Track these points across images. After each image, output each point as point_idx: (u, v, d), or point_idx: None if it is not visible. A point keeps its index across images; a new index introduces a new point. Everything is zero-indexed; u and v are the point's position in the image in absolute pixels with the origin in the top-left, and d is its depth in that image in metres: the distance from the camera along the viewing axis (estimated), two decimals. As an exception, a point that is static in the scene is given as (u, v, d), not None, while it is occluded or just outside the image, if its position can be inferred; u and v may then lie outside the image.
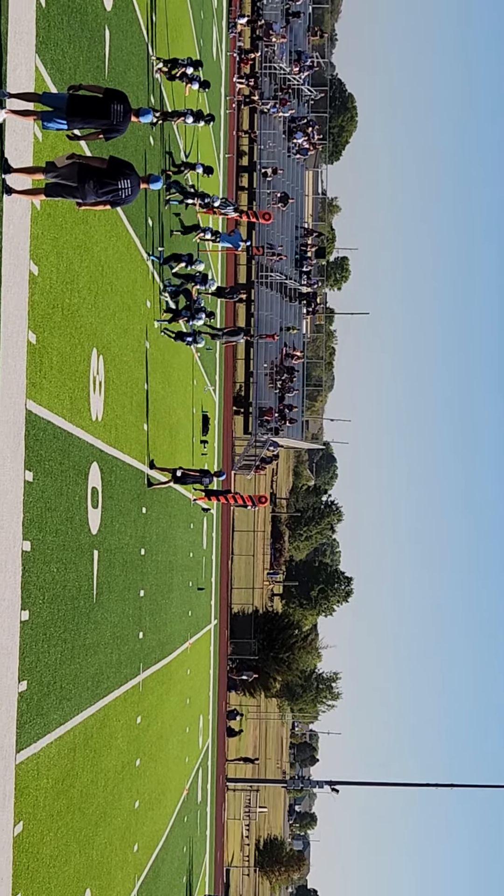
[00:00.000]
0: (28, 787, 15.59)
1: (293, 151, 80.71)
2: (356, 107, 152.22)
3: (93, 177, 15.36)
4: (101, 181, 15.45)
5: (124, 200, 15.97)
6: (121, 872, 24.31)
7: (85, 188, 15.29)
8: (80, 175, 15.22)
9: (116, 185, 15.63)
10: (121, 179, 15.75)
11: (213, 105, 51.75)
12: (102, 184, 15.46)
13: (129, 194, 15.92)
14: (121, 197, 15.81)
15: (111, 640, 22.57)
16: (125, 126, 16.12)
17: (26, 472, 15.36)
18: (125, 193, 15.83)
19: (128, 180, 15.86)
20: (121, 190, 15.74)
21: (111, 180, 15.56)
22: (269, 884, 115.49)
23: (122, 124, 15.98)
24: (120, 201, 15.95)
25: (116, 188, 15.65)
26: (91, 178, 15.33)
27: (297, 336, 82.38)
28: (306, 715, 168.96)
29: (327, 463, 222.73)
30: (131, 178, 15.91)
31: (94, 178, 15.37)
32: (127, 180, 15.84)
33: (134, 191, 16.04)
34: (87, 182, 15.27)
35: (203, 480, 33.04)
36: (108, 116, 15.68)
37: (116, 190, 15.68)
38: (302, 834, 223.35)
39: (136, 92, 26.50)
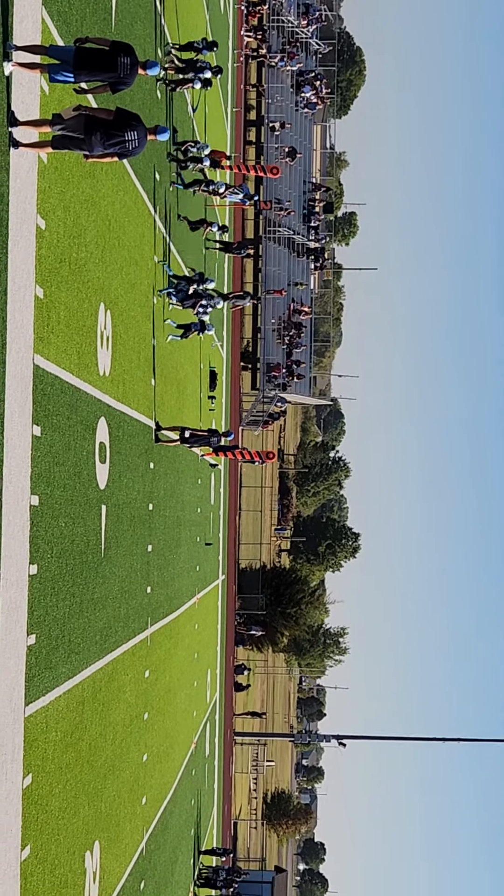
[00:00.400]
0: (37, 739, 15.68)
1: (301, 105, 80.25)
2: (364, 60, 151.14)
3: (100, 128, 15.26)
4: (108, 133, 15.35)
5: (132, 152, 15.86)
6: (129, 825, 24.47)
7: (92, 140, 15.19)
8: (86, 127, 15.14)
9: (123, 136, 15.53)
10: (128, 131, 15.64)
11: (221, 58, 51.44)
12: (109, 135, 15.36)
13: (136, 146, 15.81)
14: (128, 148, 15.70)
15: (119, 595, 22.64)
16: (132, 79, 15.98)
17: (34, 427, 15.37)
18: (132, 145, 15.73)
19: (135, 132, 15.75)
20: (128, 141, 15.64)
21: (118, 132, 15.46)
22: (277, 837, 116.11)
23: (129, 77, 15.85)
24: (127, 153, 15.83)
25: (123, 139, 15.55)
26: (98, 129, 15.23)
27: (304, 291, 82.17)
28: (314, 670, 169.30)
29: (335, 419, 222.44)
30: (138, 129, 15.80)
31: (101, 130, 15.27)
32: (134, 132, 15.73)
33: (141, 142, 15.93)
34: (94, 134, 15.17)
35: (211, 441, 32.97)
36: (115, 69, 15.56)
37: (124, 141, 15.57)
38: (309, 788, 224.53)
39: (142, 45, 26.34)
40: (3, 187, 13.92)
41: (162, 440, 29.43)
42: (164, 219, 30.75)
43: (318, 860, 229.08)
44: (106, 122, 15.44)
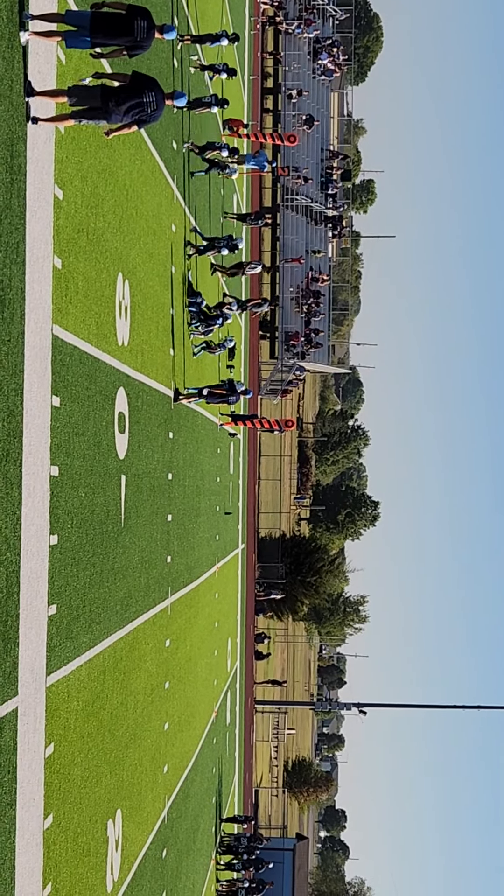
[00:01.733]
0: (59, 709, 15.75)
1: (318, 73, 79.93)
2: (381, 27, 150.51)
3: (115, 95, 15.24)
4: (125, 98, 15.31)
5: (150, 116, 15.74)
6: (151, 793, 24.60)
7: (109, 107, 15.15)
8: (102, 95, 15.10)
9: (141, 98, 15.47)
10: (146, 92, 15.58)
11: (238, 26, 51.22)
12: (126, 100, 15.31)
13: (154, 109, 15.70)
14: (147, 112, 15.58)
15: (139, 565, 22.69)
16: (149, 42, 15.87)
17: (53, 398, 15.38)
18: (150, 108, 15.61)
19: (152, 93, 15.68)
20: (146, 104, 15.54)
21: (135, 96, 15.42)
22: (298, 804, 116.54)
23: (146, 40, 15.74)
24: (146, 118, 15.74)
25: (141, 101, 15.46)
26: (114, 96, 15.21)
27: (322, 260, 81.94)
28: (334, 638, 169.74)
29: (353, 387, 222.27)
30: (155, 91, 15.74)
31: (117, 97, 15.24)
32: (151, 93, 15.66)
33: (160, 105, 15.84)
34: (111, 100, 15.13)
35: (229, 399, 32.80)
36: (132, 32, 15.46)
37: (141, 104, 15.48)
38: (330, 755, 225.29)
39: (158, 14, 26.21)
40: (21, 158, 13.89)
41: (182, 397, 29.54)
42: (183, 189, 30.68)
43: (339, 827, 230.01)
44: (122, 87, 15.41)
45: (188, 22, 32.10)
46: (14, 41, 13.60)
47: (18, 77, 13.78)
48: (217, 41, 32.97)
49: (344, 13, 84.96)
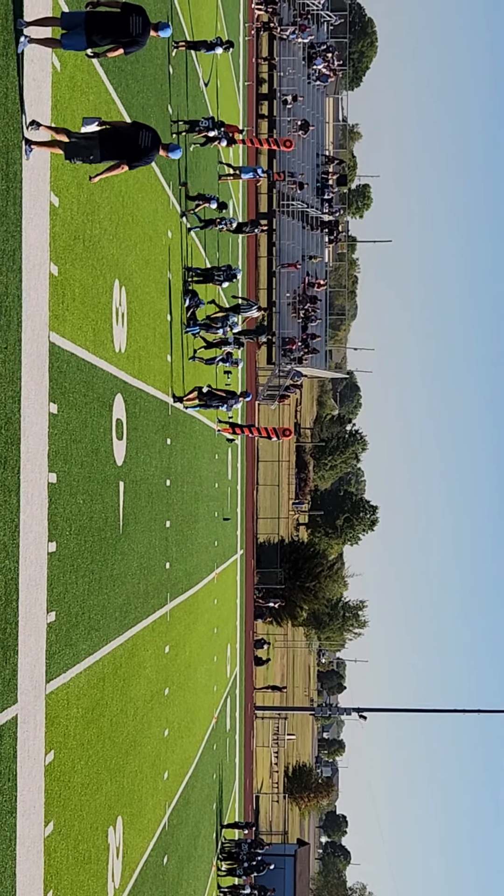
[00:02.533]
0: (58, 716, 15.74)
1: (313, 78, 79.95)
2: (376, 31, 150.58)
3: (112, 140, 15.61)
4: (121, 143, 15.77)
5: (135, 40, 15.90)
6: (151, 800, 24.58)
7: (102, 152, 15.49)
8: (101, 138, 15.46)
9: (137, 142, 15.95)
10: (141, 133, 16.05)
11: (233, 32, 51.27)
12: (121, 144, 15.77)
13: (140, 31, 15.85)
14: (130, 33, 15.74)
15: (138, 571, 22.69)
16: (145, 38, 15.93)
17: (51, 405, 15.38)
18: (136, 30, 15.78)
19: (149, 134, 16.15)
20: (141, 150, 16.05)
21: (131, 142, 15.89)
22: (299, 810, 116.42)
23: (141, 36, 15.80)
24: (139, 163, 16.22)
25: (136, 145, 15.96)
26: (110, 141, 15.57)
27: (319, 265, 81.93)
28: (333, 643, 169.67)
29: (351, 392, 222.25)
30: (152, 134, 16.21)
31: (113, 142, 15.63)
32: (148, 134, 16.14)
33: (154, 148, 16.27)
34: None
35: (229, 402, 32.80)
36: (128, 28, 15.53)
37: (136, 148, 15.98)
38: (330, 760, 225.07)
39: (153, 20, 26.21)
40: (17, 165, 13.90)
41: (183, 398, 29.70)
42: (178, 195, 30.71)
43: (340, 833, 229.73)
44: (119, 131, 15.80)
45: (183, 28, 32.13)
46: (9, 48, 13.60)
47: (14, 85, 13.78)
48: (212, 49, 32.98)
49: (338, 18, 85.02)
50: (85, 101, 17.97)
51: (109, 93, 20.29)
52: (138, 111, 23.51)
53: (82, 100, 17.75)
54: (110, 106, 20.30)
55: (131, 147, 15.87)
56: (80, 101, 17.55)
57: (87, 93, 18.17)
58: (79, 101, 17.49)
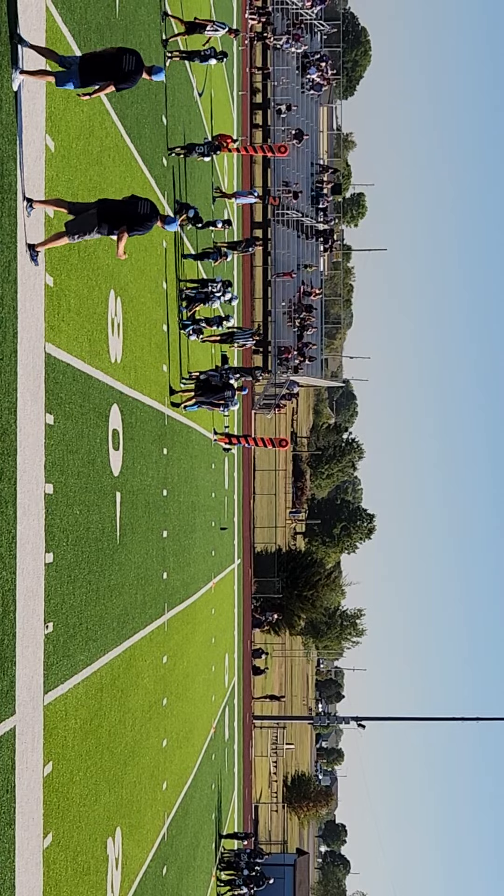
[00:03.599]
0: (56, 727, 15.71)
1: (307, 87, 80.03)
2: (370, 40, 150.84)
3: (112, 215, 15.96)
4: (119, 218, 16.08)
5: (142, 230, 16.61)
6: (150, 810, 24.55)
7: (103, 226, 15.83)
8: (99, 214, 15.80)
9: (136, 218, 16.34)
10: (140, 203, 16.45)
11: (226, 42, 51.32)
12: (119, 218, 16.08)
13: (147, 223, 16.54)
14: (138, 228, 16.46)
15: (135, 581, 22.67)
16: (138, 77, 16.33)
17: (47, 416, 15.37)
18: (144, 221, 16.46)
19: (147, 204, 16.54)
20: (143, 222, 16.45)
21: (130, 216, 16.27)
22: (298, 819, 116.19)
23: (134, 74, 16.16)
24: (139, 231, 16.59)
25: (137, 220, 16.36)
26: (110, 216, 15.92)
27: (314, 274, 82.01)
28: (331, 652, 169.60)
29: (347, 400, 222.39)
30: (150, 204, 16.62)
31: (114, 218, 15.98)
32: (147, 204, 16.53)
33: (152, 218, 16.67)
34: (106, 220, 15.84)
35: (226, 395, 32.64)
36: (121, 64, 15.81)
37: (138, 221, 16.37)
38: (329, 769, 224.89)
39: (147, 31, 26.27)
40: (11, 176, 13.91)
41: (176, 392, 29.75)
42: (174, 206, 30.74)
43: (340, 842, 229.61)
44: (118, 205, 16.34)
45: (177, 39, 32.14)
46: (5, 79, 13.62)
47: (9, 97, 13.79)
48: (206, 60, 33.00)
49: (332, 28, 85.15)
50: (79, 113, 17.98)
51: (103, 103, 20.32)
52: (133, 122, 23.54)
53: (76, 111, 17.77)
54: (104, 117, 20.32)
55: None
56: (74, 112, 17.57)
57: (82, 104, 18.17)
58: (73, 112, 17.50)
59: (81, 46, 18.21)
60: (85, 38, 18.57)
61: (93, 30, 19.25)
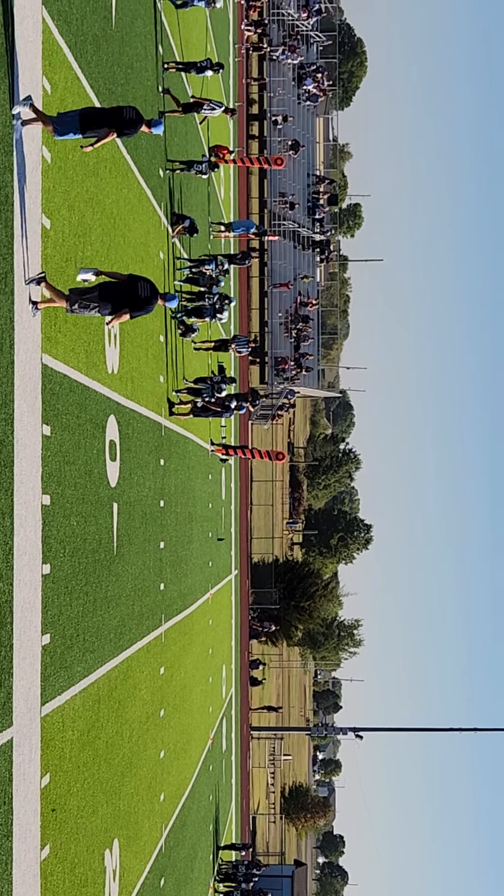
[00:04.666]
0: (54, 739, 15.69)
1: (303, 98, 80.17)
2: (365, 51, 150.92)
3: (112, 295, 16.42)
4: (120, 297, 16.58)
5: (143, 310, 17.18)
6: (148, 822, 24.50)
7: (105, 304, 16.25)
8: (100, 294, 16.20)
9: (136, 299, 16.83)
10: (140, 285, 16.88)
11: (222, 53, 51.40)
12: (121, 299, 16.57)
13: (148, 304, 17.14)
14: (139, 307, 16.98)
15: (132, 592, 22.65)
16: (139, 126, 16.88)
17: (44, 427, 15.37)
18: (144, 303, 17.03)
19: (147, 286, 17.04)
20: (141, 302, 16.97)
21: (131, 296, 16.75)
22: (296, 830, 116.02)
23: (135, 123, 16.68)
24: (139, 312, 17.10)
25: (137, 301, 16.85)
26: (111, 297, 16.36)
27: (311, 284, 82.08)
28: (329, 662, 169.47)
29: (344, 411, 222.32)
30: (150, 285, 17.15)
31: (113, 297, 16.45)
32: (147, 286, 17.03)
33: (152, 301, 17.22)
34: (108, 299, 16.29)
35: (224, 415, 32.67)
36: (122, 114, 16.48)
37: (137, 303, 16.87)
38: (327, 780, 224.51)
39: (143, 43, 26.30)
40: (8, 188, 13.91)
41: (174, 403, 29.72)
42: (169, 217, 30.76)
43: (338, 853, 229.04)
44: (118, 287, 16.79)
45: (173, 50, 32.20)
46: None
47: (4, 107, 13.81)
48: (202, 71, 33.03)
49: (328, 39, 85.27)
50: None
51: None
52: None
53: (73, 122, 17.77)
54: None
55: (131, 298, 16.71)
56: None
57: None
58: (69, 123, 17.51)
59: (77, 58, 18.25)
60: (81, 49, 18.61)
61: (89, 41, 19.28)
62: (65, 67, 17.38)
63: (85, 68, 18.92)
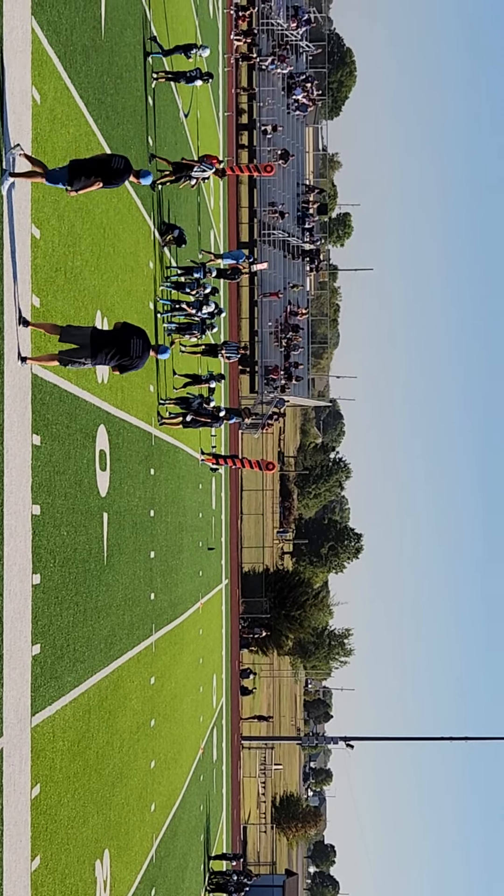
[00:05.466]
0: (44, 749, 15.66)
1: (292, 108, 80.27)
2: (355, 61, 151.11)
3: (104, 341, 16.37)
4: (112, 345, 16.52)
5: (133, 364, 17.12)
6: (138, 832, 24.45)
7: (95, 351, 16.23)
8: (92, 338, 16.17)
9: (128, 347, 16.75)
10: (132, 341, 16.86)
11: (212, 63, 51.47)
12: (113, 347, 16.52)
13: (138, 356, 17.05)
14: (131, 360, 16.95)
15: (123, 602, 22.62)
16: (127, 175, 16.89)
17: (34, 436, 15.35)
18: (136, 355, 16.94)
19: (139, 341, 16.98)
20: (132, 353, 16.85)
21: (122, 344, 16.68)
22: (287, 840, 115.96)
23: (123, 172, 16.73)
24: (129, 364, 17.06)
25: (128, 350, 16.77)
26: (102, 343, 16.31)
27: (300, 293, 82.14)
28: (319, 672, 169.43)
29: (334, 420, 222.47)
30: (142, 339, 17.08)
31: (105, 344, 16.37)
32: (139, 341, 16.98)
33: (144, 354, 17.17)
34: (98, 347, 16.24)
35: (213, 426, 32.70)
36: (110, 164, 16.48)
37: (128, 353, 16.78)
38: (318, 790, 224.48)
39: (133, 52, 26.32)
40: (-3, 197, 13.91)
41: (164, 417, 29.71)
42: (159, 227, 30.76)
43: (329, 862, 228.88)
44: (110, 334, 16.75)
45: (162, 59, 32.22)
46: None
47: (-7, 117, 13.80)
48: (191, 81, 33.04)
49: (317, 48, 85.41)
50: (65, 134, 18.00)
51: (90, 125, 20.33)
52: (118, 143, 23.56)
53: (63, 132, 17.79)
54: (91, 138, 20.33)
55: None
56: (60, 133, 17.59)
57: (68, 125, 18.21)
58: (59, 133, 17.53)
59: (67, 68, 18.25)
60: (70, 59, 18.61)
61: (78, 52, 19.29)
62: (54, 77, 17.38)
63: (74, 78, 18.92)
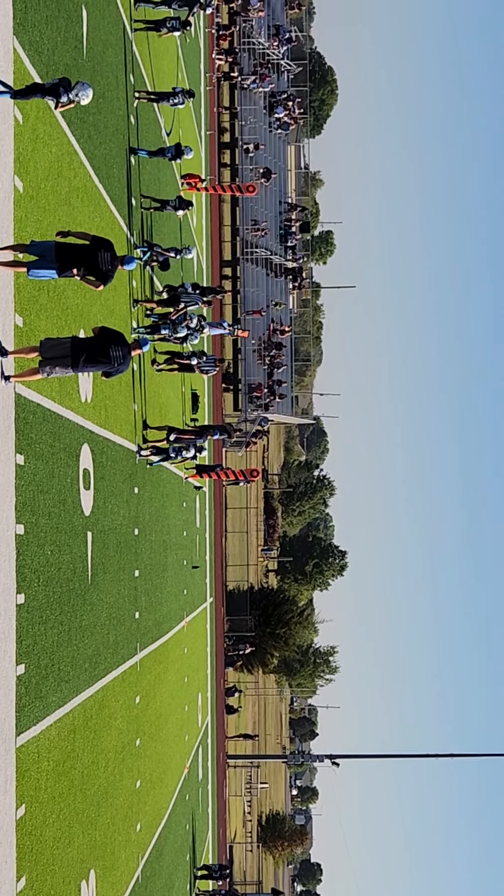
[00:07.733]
0: (29, 769, 15.61)
1: (274, 126, 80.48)
2: (336, 80, 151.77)
3: (84, 348, 16.26)
4: (93, 352, 16.45)
5: (116, 370, 17.12)
6: (124, 852, 24.38)
7: (77, 359, 16.09)
8: (73, 347, 16.06)
9: (108, 353, 16.71)
10: (112, 347, 16.82)
11: (193, 82, 51.56)
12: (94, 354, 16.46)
13: (120, 363, 17.01)
14: (113, 366, 16.90)
15: (107, 621, 22.58)
16: (113, 272, 17.06)
17: (17, 456, 15.34)
18: (117, 362, 16.89)
19: (119, 347, 16.94)
20: (113, 359, 16.80)
21: (103, 351, 16.63)
22: (273, 859, 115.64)
23: (110, 271, 16.90)
24: (112, 371, 17.10)
25: (108, 355, 16.72)
26: (82, 350, 16.19)
27: (283, 311, 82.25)
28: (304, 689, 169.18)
29: (318, 437, 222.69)
30: (122, 346, 17.03)
31: (86, 351, 16.28)
32: (118, 348, 16.93)
33: (125, 360, 17.16)
34: (80, 354, 16.08)
35: (197, 442, 32.63)
36: (97, 263, 16.57)
37: (108, 358, 16.73)
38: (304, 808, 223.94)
39: (114, 72, 26.37)
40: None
41: (149, 441, 29.60)
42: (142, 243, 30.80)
43: (315, 881, 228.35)
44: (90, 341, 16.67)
45: (144, 79, 32.29)
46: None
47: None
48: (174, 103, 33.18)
49: (298, 67, 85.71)
50: (48, 153, 18.02)
51: (72, 144, 20.37)
52: (101, 162, 23.59)
53: (45, 151, 17.81)
54: (73, 157, 20.36)
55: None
56: (42, 152, 17.61)
57: (50, 144, 18.23)
58: (41, 152, 17.55)
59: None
60: (52, 78, 18.62)
61: (60, 71, 19.31)
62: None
63: (56, 98, 18.91)
